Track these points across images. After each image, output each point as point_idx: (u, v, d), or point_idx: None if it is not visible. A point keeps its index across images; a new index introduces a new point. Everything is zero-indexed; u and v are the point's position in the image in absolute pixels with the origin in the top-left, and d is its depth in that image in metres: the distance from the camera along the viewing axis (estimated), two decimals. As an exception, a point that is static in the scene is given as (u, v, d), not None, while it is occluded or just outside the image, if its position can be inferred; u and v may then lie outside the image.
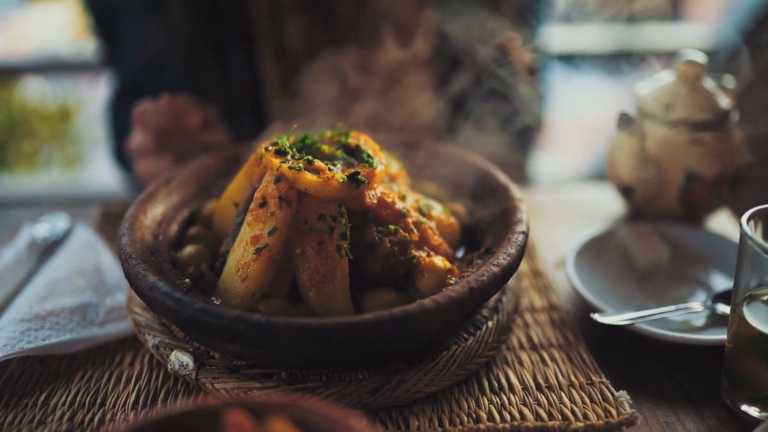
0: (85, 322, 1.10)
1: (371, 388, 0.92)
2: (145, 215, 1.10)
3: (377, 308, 0.95)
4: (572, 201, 1.61)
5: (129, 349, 1.09)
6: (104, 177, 3.73)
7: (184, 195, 1.21)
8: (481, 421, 0.92)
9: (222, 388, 0.93)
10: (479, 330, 1.03)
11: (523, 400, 0.96)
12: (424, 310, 0.86)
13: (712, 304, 1.12)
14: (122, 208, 1.51)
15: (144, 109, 1.41)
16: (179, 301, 0.87)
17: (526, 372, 1.02)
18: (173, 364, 0.97)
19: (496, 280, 0.94)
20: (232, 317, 0.84)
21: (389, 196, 1.03)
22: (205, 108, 1.48)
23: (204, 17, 1.72)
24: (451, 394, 0.97)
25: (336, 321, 0.84)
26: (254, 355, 0.93)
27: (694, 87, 1.35)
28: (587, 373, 1.01)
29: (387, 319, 0.85)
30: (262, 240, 0.96)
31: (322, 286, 0.94)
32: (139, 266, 0.95)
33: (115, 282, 1.22)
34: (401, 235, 1.00)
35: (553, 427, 0.91)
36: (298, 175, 0.96)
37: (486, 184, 1.19)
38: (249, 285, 0.95)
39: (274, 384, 0.93)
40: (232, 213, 1.11)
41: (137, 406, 0.96)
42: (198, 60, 1.75)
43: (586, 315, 1.16)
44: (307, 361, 0.93)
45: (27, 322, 1.07)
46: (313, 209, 0.97)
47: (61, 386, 1.00)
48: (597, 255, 1.27)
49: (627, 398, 0.95)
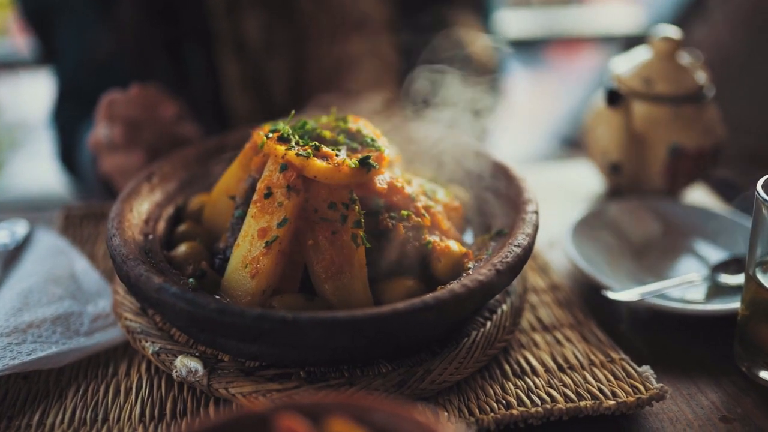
0: (69, 333, 1.01)
1: (397, 381, 0.88)
2: (131, 213, 1.02)
3: (396, 297, 0.91)
4: (549, 181, 1.60)
5: (121, 358, 1.00)
6: (29, 182, 3.54)
7: (166, 191, 1.13)
8: (513, 407, 0.89)
9: (238, 393, 0.87)
10: (494, 314, 1.00)
11: (548, 382, 0.94)
12: (455, 295, 0.83)
13: (713, 274, 1.13)
14: (85, 210, 1.41)
15: (112, 99, 1.31)
16: (192, 302, 0.81)
17: (543, 354, 1.00)
18: (179, 370, 0.90)
19: (520, 261, 0.91)
20: (255, 316, 0.79)
21: (398, 180, 0.99)
22: (176, 99, 1.39)
23: (157, 17, 1.63)
24: (474, 382, 0.94)
25: (367, 313, 0.79)
26: (273, 354, 0.88)
27: (671, 62, 1.37)
28: (605, 351, 1.00)
29: (419, 308, 0.81)
30: (270, 232, 0.90)
31: (339, 278, 0.90)
32: (140, 267, 0.87)
33: (94, 288, 1.13)
34: (414, 220, 0.97)
35: (586, 407, 0.89)
36: (307, 162, 0.90)
37: (483, 165, 1.17)
38: (260, 281, 0.89)
39: (294, 384, 0.87)
40: (225, 207, 1.05)
41: (144, 419, 0.89)
42: (151, 60, 1.66)
43: (588, 293, 1.15)
44: (329, 358, 0.88)
45: (6, 337, 0.97)
46: (322, 197, 0.92)
47: (55, 403, 0.92)
48: (590, 233, 1.27)
49: (651, 373, 0.94)
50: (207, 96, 1.71)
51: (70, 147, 1.78)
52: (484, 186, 1.14)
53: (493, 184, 1.13)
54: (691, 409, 0.93)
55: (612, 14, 4.44)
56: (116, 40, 1.62)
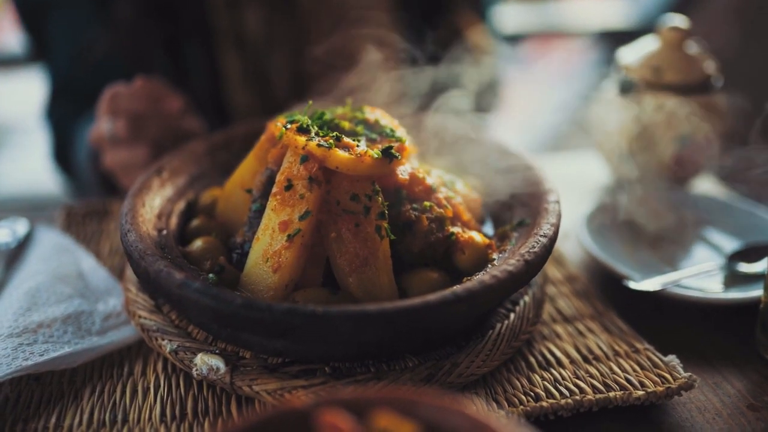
0: (81, 332, 0.99)
1: (425, 374, 0.86)
2: (144, 208, 0.99)
3: (421, 290, 0.89)
4: (555, 173, 1.58)
5: (136, 357, 0.98)
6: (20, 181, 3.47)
7: (176, 185, 1.10)
8: (542, 399, 0.88)
9: (262, 390, 0.85)
10: (517, 305, 0.99)
11: (575, 373, 0.93)
12: (486, 286, 0.81)
13: (730, 263, 1.13)
14: (86, 207, 1.38)
15: (116, 93, 1.27)
16: (217, 298, 0.78)
17: (567, 345, 0.99)
18: (200, 369, 0.88)
19: (546, 251, 0.90)
20: (284, 310, 0.76)
21: (419, 171, 0.97)
22: (180, 92, 1.36)
23: (156, 13, 1.59)
24: (500, 374, 0.93)
25: (398, 306, 0.78)
26: (298, 350, 0.86)
27: (679, 51, 1.36)
28: (629, 341, 0.99)
29: (451, 299, 0.79)
30: (292, 225, 0.88)
31: (364, 271, 0.88)
32: (160, 263, 0.85)
33: (103, 286, 1.10)
34: (436, 211, 0.95)
35: (615, 398, 0.88)
36: (329, 152, 0.88)
37: (498, 156, 1.15)
38: (282, 275, 0.87)
39: (320, 380, 0.85)
40: (239, 200, 1.02)
41: (165, 419, 0.86)
42: (148, 57, 1.62)
43: (605, 284, 1.14)
44: (356, 353, 0.86)
45: (16, 337, 0.94)
46: (344, 189, 0.90)
47: (71, 405, 0.89)
48: (603, 224, 1.26)
49: (678, 362, 0.93)
50: (206, 92, 1.68)
51: (64, 145, 1.74)
52: (499, 176, 1.13)
53: (509, 174, 1.11)
54: (718, 398, 0.93)
55: (594, 10, 4.43)
56: (113, 36, 1.58)
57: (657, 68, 1.34)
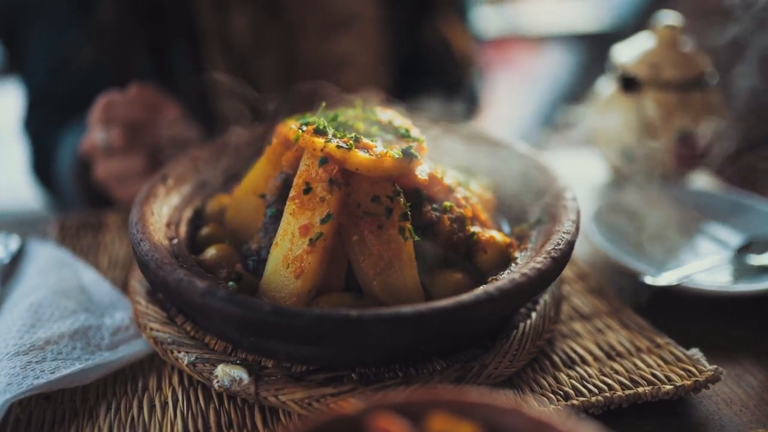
0: (91, 348, 0.95)
1: (455, 377, 0.85)
2: (153, 217, 0.96)
3: (446, 291, 0.88)
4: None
5: (148, 372, 0.94)
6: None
7: (182, 193, 1.07)
8: (572, 398, 0.87)
9: (289, 400, 0.82)
10: (537, 305, 0.98)
11: (600, 371, 0.92)
12: (518, 285, 0.80)
13: (739, 256, 1.14)
14: (80, 220, 1.33)
15: (110, 100, 1.23)
16: (244, 305, 0.76)
17: (588, 342, 0.98)
18: (222, 380, 0.85)
19: (570, 248, 0.89)
20: (315, 316, 0.74)
21: (437, 171, 0.95)
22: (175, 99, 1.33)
23: (141, 16, 1.55)
24: (525, 375, 0.92)
25: (432, 307, 0.76)
26: (324, 357, 0.83)
27: (675, 48, 1.37)
28: (649, 336, 0.99)
29: (484, 299, 0.78)
30: (313, 229, 0.85)
31: (388, 273, 0.86)
32: (179, 272, 0.82)
33: (107, 299, 1.07)
34: (457, 211, 0.94)
35: (644, 393, 0.87)
36: (348, 154, 0.86)
37: (507, 155, 1.14)
38: (305, 280, 0.85)
39: (349, 387, 0.83)
40: (252, 206, 1.00)
41: (189, 434, 0.83)
42: (133, 63, 1.58)
43: (616, 280, 1.14)
44: (385, 357, 0.84)
45: (24, 355, 0.90)
46: (364, 191, 0.88)
47: (87, 424, 0.85)
48: (608, 221, 1.26)
49: (701, 355, 0.93)
50: (194, 97, 1.64)
51: (43, 158, 1.68)
52: (510, 175, 1.12)
53: (520, 172, 1.11)
54: (743, 390, 0.93)
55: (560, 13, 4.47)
56: (96, 42, 1.54)
57: (655, 65, 1.35)
